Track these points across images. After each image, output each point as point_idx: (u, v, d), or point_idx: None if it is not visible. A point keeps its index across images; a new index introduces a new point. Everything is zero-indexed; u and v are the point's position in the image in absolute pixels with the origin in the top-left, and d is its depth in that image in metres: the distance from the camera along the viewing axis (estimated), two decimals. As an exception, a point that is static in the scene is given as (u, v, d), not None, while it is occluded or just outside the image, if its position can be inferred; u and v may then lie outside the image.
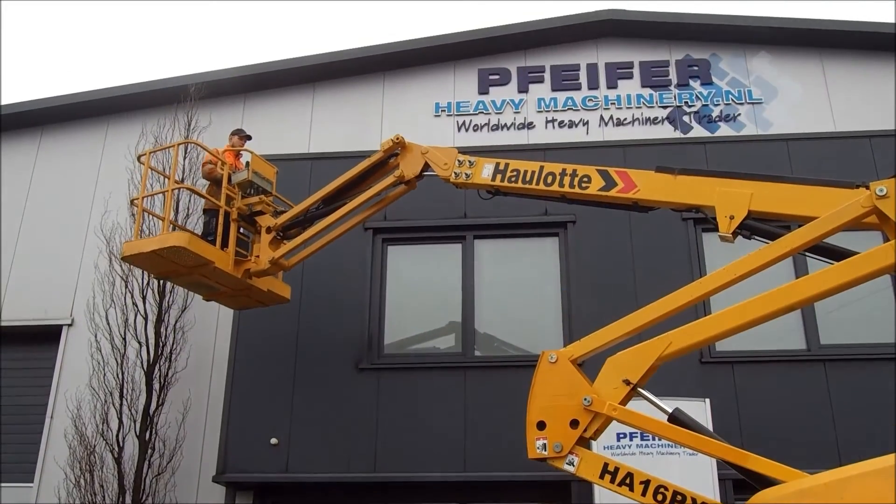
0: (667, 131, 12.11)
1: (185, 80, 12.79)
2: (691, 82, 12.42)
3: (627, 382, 5.59)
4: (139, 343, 10.96)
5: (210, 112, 12.34)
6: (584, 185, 7.27)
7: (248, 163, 9.63)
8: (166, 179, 10.05)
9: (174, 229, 9.48)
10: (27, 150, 13.54)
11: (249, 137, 10.50)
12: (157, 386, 10.77)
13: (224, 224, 9.29)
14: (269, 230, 9.50)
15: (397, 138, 8.92)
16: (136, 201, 9.55)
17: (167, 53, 45.53)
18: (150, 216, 10.67)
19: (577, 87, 12.59)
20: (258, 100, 13.19)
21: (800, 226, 5.59)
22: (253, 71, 13.18)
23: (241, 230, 9.61)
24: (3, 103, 13.79)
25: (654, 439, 8.41)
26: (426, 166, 8.74)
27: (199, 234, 9.57)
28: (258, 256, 9.47)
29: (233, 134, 10.41)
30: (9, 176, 13.35)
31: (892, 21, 12.43)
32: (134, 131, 12.51)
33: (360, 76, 13.09)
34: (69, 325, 12.04)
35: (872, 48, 12.26)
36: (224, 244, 9.26)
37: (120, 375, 10.83)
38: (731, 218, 6.12)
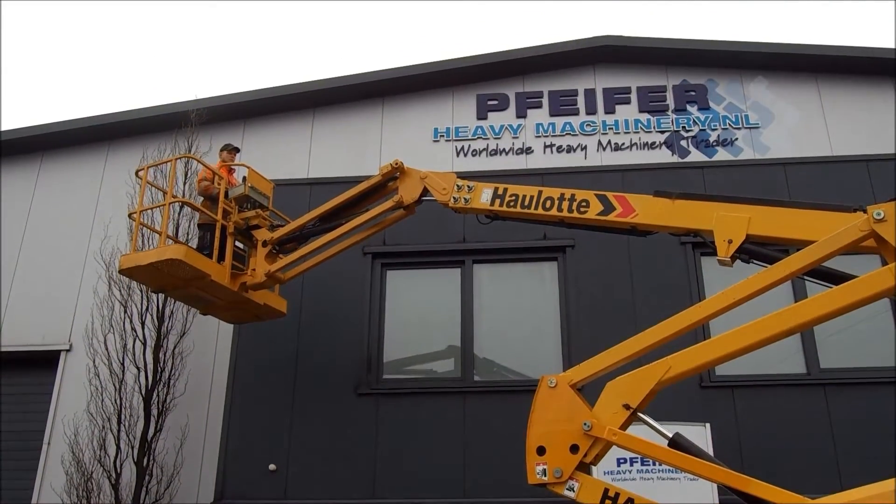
0: (664, 156, 12.15)
1: (185, 106, 12.84)
2: (688, 107, 12.49)
3: (627, 407, 5.58)
4: (137, 368, 10.92)
5: (210, 137, 12.39)
6: (582, 209, 7.29)
7: (245, 177, 9.72)
8: (164, 195, 10.09)
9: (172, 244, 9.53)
10: (27, 176, 13.57)
11: (238, 150, 10.64)
12: (155, 412, 10.73)
13: (220, 238, 9.36)
14: (265, 244, 9.55)
15: (396, 163, 8.96)
16: (133, 215, 9.59)
17: (168, 79, 45.82)
18: (149, 232, 10.70)
19: (575, 113, 12.65)
20: (258, 125, 13.25)
21: (798, 250, 5.61)
22: (253, 97, 13.25)
23: (237, 244, 9.67)
24: (3, 129, 13.82)
25: (654, 464, 8.36)
26: (425, 191, 8.77)
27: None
28: (254, 270, 9.52)
29: (222, 150, 10.53)
30: (8, 201, 13.38)
31: (887, 46, 12.48)
32: (134, 157, 12.54)
33: (359, 102, 13.16)
34: (67, 351, 12.00)
35: (868, 73, 12.34)
36: (221, 258, 9.31)
37: (118, 401, 10.78)
38: (730, 242, 6.14)
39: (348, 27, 49.78)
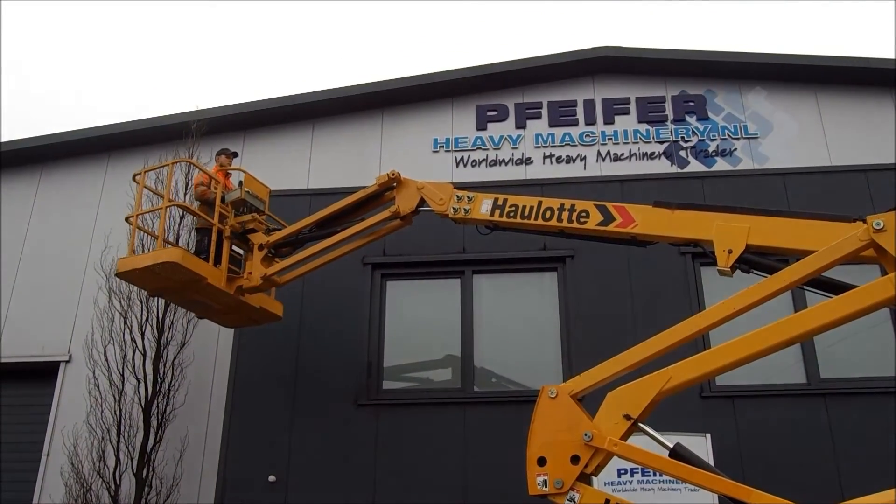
0: (664, 166, 12.17)
1: (186, 117, 12.86)
2: (687, 117, 12.51)
3: (628, 417, 5.59)
4: (137, 379, 10.90)
5: (211, 148, 12.39)
6: (582, 219, 7.31)
7: (241, 182, 9.78)
8: (161, 199, 10.11)
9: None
10: (27, 187, 13.58)
11: (236, 154, 10.71)
12: (154, 423, 10.70)
13: (217, 242, 9.41)
14: (261, 247, 9.60)
15: (393, 173, 9.00)
16: (130, 219, 9.62)
17: (169, 90, 45.91)
18: (148, 237, 10.73)
19: (575, 123, 12.67)
20: (258, 136, 13.27)
21: (798, 259, 5.62)
22: (253, 108, 13.27)
23: (234, 248, 9.74)
24: (3, 140, 13.83)
25: (655, 475, 8.35)
26: (422, 202, 8.80)
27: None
28: (250, 273, 9.58)
29: (219, 154, 10.59)
30: (9, 212, 13.38)
31: (885, 57, 12.53)
32: (135, 168, 12.50)
33: (359, 113, 13.18)
34: (67, 362, 11.98)
35: (865, 83, 12.37)
36: (217, 261, 9.36)
37: (118, 412, 10.76)
38: (730, 252, 6.15)
39: (348, 39, 49.93)
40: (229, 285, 9.43)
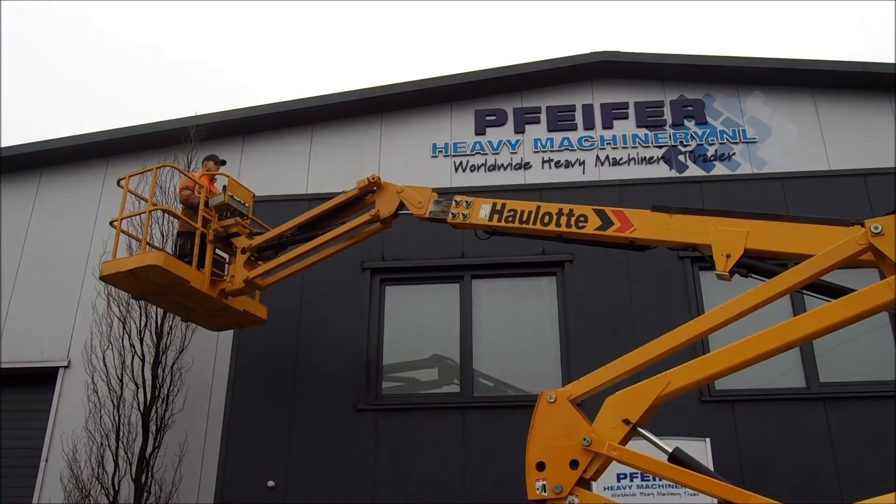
0: (662, 171, 12.18)
1: (185, 122, 12.86)
2: (686, 122, 12.52)
3: (627, 422, 5.58)
4: (136, 385, 10.89)
5: (210, 153, 12.40)
6: (580, 224, 7.31)
7: (224, 186, 9.84)
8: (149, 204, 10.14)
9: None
10: (26, 192, 13.56)
11: (224, 162, 10.76)
12: (153, 428, 10.69)
13: (200, 246, 9.48)
14: (244, 251, 9.68)
15: (373, 177, 9.13)
16: (114, 223, 9.66)
17: (168, 95, 45.94)
18: (133, 241, 10.76)
19: (573, 128, 12.68)
20: (257, 141, 13.28)
21: (796, 264, 5.62)
22: (252, 113, 13.27)
23: (217, 252, 9.81)
24: (2, 145, 13.84)
25: (654, 479, 8.34)
26: (401, 205, 8.89)
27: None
28: (233, 276, 9.67)
29: (207, 159, 10.67)
30: (7, 217, 13.37)
31: (883, 61, 12.53)
32: (133, 173, 12.56)
33: (357, 118, 13.19)
34: (66, 367, 11.96)
35: (865, 87, 12.38)
36: (200, 265, 9.44)
37: (116, 418, 10.74)
38: (728, 256, 6.15)
39: (347, 43, 50.01)
40: (212, 288, 9.53)
